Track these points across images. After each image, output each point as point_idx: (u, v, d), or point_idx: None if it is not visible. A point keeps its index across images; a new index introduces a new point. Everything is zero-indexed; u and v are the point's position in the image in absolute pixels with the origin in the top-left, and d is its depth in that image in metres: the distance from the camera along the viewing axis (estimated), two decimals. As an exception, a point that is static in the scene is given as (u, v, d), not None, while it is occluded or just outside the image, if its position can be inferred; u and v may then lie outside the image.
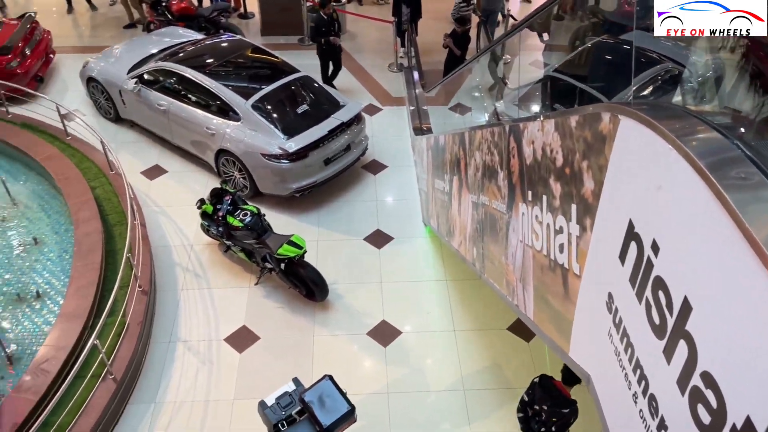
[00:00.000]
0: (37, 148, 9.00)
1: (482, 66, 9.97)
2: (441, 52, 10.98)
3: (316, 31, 10.53)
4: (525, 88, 7.43)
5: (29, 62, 10.83)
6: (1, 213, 8.39)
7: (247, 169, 8.62)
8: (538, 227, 3.58)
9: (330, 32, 10.48)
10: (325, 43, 10.52)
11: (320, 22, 10.49)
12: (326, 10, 10.40)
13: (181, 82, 9.23)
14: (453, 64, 10.62)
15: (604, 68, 6.13)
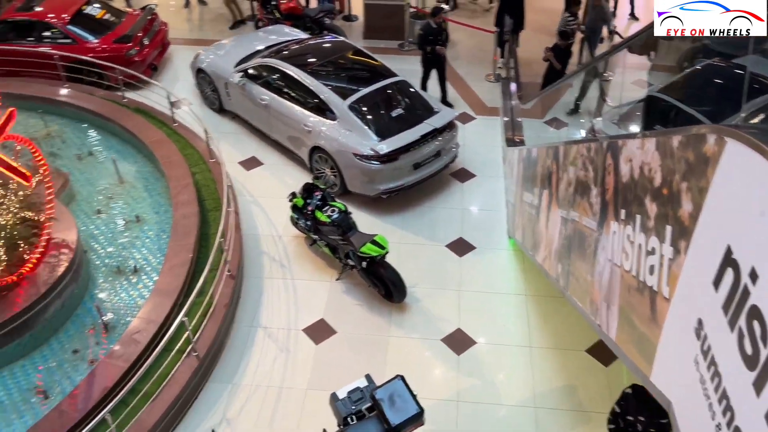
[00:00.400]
0: (146, 132, 9.55)
1: (582, 81, 9.79)
2: (540, 64, 10.85)
3: (423, 39, 10.54)
4: (626, 107, 7.25)
5: (146, 51, 11.52)
6: (110, 191, 8.96)
7: (338, 167, 8.83)
8: (628, 247, 3.50)
9: (437, 41, 10.46)
10: (430, 51, 10.51)
11: (428, 30, 10.53)
12: (436, 19, 10.44)
13: (283, 79, 9.56)
14: (552, 78, 10.47)
15: (712, 92, 5.90)
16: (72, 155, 9.53)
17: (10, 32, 11.19)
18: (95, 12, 11.65)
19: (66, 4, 11.60)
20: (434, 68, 10.78)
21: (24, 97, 10.02)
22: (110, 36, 11.29)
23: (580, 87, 9.90)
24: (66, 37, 11.07)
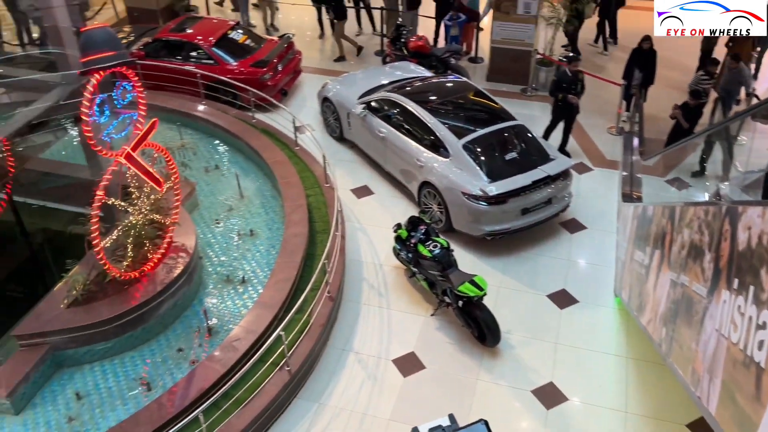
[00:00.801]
0: (269, 152, 10.09)
1: (712, 143, 9.35)
2: (667, 121, 10.47)
3: (557, 86, 10.43)
4: (756, 174, 6.85)
5: (279, 77, 12.23)
6: (231, 203, 9.53)
7: (445, 204, 8.91)
8: (738, 318, 3.32)
9: (570, 90, 10.36)
10: (562, 99, 10.38)
11: (563, 77, 10.42)
12: (572, 67, 10.36)
13: (402, 114, 9.83)
14: (678, 136, 10.07)
15: None
16: (201, 167, 10.23)
17: (162, 50, 12.25)
18: (238, 37, 12.53)
19: (213, 28, 12.57)
20: (563, 118, 10.60)
21: (166, 110, 10.89)
22: (248, 60, 12.08)
23: (708, 148, 9.46)
24: (209, 58, 11.97)
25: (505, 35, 12.70)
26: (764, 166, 6.78)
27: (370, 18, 15.24)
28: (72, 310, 7.08)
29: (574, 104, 10.35)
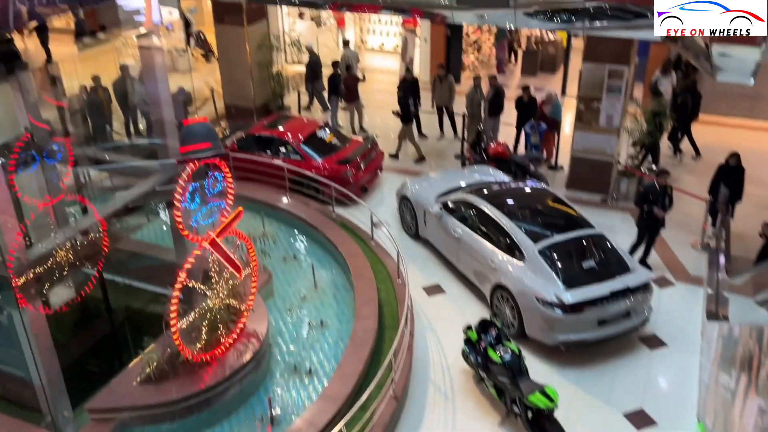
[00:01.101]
0: (345, 245, 10.32)
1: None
2: (755, 240, 10.05)
3: (643, 198, 10.21)
4: None
5: (361, 174, 12.67)
6: (305, 293, 9.71)
7: (518, 309, 8.74)
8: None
9: (657, 203, 10.10)
10: (647, 212, 10.16)
11: (651, 189, 10.19)
12: (660, 180, 10.15)
13: (478, 215, 9.90)
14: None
15: None
16: (279, 256, 10.55)
17: (254, 144, 13.00)
18: (325, 136, 13.18)
19: (303, 126, 13.30)
20: (648, 232, 10.31)
21: (252, 200, 11.43)
22: (333, 157, 12.62)
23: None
24: (297, 154, 12.59)
25: (586, 145, 12.76)
26: None
27: (452, 123, 15.70)
28: (143, 388, 7.25)
29: (660, 218, 10.11)
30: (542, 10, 10.53)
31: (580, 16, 10.22)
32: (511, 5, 10.53)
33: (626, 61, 11.96)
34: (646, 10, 9.58)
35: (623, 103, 12.27)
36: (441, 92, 15.32)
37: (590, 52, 12.23)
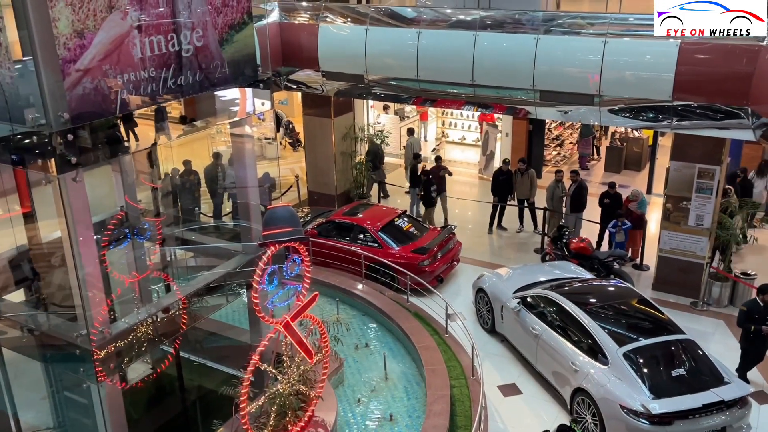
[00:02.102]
0: (419, 336, 10.11)
1: None
2: None
3: (746, 317, 9.48)
4: None
5: (437, 264, 12.57)
6: (375, 384, 9.49)
7: (600, 416, 8.20)
8: None
9: (763, 321, 9.36)
10: (753, 332, 9.43)
11: (754, 307, 9.50)
12: (765, 297, 9.42)
13: (559, 313, 9.53)
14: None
15: None
16: (352, 343, 10.43)
17: (333, 230, 13.23)
18: (403, 224, 13.26)
19: (382, 214, 13.47)
20: (755, 349, 9.54)
21: (328, 285, 11.49)
22: (410, 246, 12.63)
23: None
24: (374, 241, 12.68)
25: (675, 245, 12.25)
26: None
27: (533, 216, 15.52)
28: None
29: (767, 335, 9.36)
30: (627, 107, 10.47)
31: (667, 114, 10.07)
32: (596, 102, 10.53)
33: (717, 162, 11.59)
34: (738, 109, 9.37)
35: (714, 204, 11.80)
36: (522, 185, 15.28)
37: (678, 150, 11.95)
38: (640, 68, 10.10)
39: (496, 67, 11.26)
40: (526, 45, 10.78)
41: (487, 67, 11.30)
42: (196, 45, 6.89)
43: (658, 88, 9.88)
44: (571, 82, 10.64)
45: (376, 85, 12.85)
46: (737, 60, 9.17)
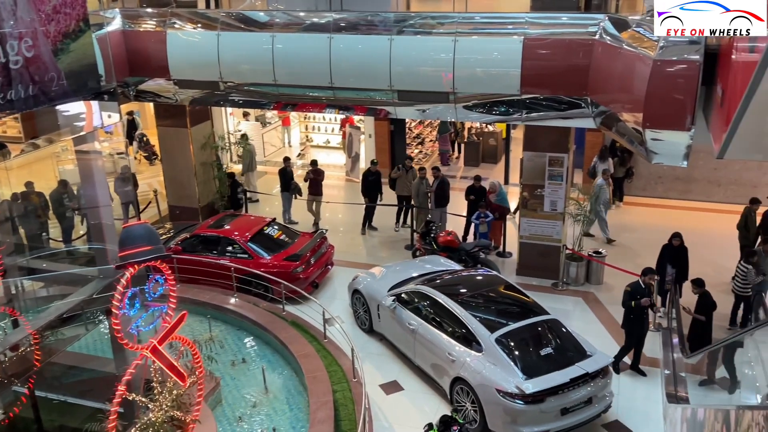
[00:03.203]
0: (297, 345, 9.92)
1: (755, 340, 8.95)
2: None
3: (630, 297, 9.85)
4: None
5: (311, 270, 12.43)
6: (255, 399, 9.19)
7: (479, 402, 8.45)
8: None
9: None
10: (635, 308, 9.79)
11: (637, 288, 9.89)
12: (645, 279, 9.92)
13: (432, 306, 9.74)
14: (697, 330, 9.87)
15: None
16: (227, 360, 10.04)
17: (200, 245, 12.68)
18: (273, 232, 12.99)
19: (250, 224, 13.10)
20: (636, 330, 9.93)
21: (197, 303, 11.00)
22: (282, 254, 12.38)
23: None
24: (244, 253, 12.31)
25: (533, 231, 12.94)
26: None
27: (405, 213, 15.77)
28: None
29: (645, 306, 9.78)
30: (481, 103, 10.89)
31: (517, 107, 10.59)
32: (451, 100, 10.86)
33: (564, 149, 12.38)
34: (579, 100, 10.04)
35: (565, 189, 12.59)
36: (404, 183, 15.40)
37: (529, 141, 12.64)
38: (490, 65, 10.54)
39: (354, 68, 11.31)
40: (381, 46, 10.91)
41: (344, 69, 11.31)
42: (26, 56, 6.29)
43: (507, 83, 10.36)
44: (427, 81, 10.90)
45: (233, 92, 12.47)
46: (575, 54, 9.85)
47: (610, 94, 9.53)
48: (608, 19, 9.62)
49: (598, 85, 9.64)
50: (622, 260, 12.93)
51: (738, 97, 6.37)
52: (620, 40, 9.15)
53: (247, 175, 17.61)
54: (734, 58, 6.98)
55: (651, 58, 8.21)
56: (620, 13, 10.93)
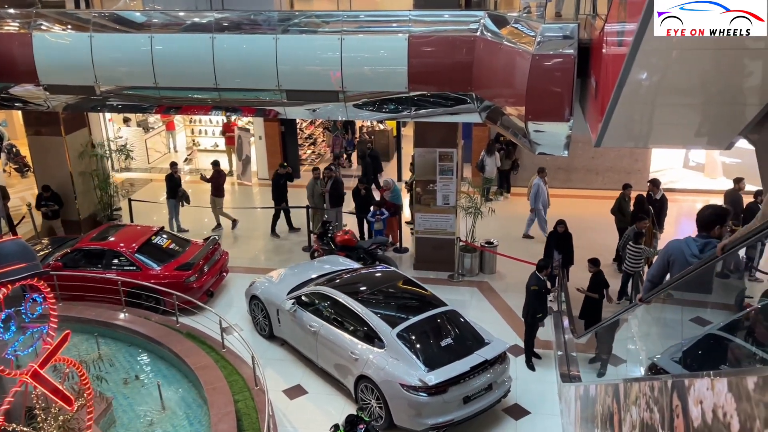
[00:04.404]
0: (194, 357, 9.54)
1: (638, 316, 9.54)
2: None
3: (536, 296, 10.04)
4: (686, 345, 6.91)
5: (205, 278, 12.00)
6: (151, 417, 8.74)
7: (384, 398, 8.48)
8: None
9: (540, 293, 10.07)
10: (539, 308, 10.01)
11: (539, 283, 10.10)
12: (543, 273, 10.14)
13: (333, 306, 9.67)
14: (590, 308, 10.40)
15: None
16: (119, 379, 9.50)
17: (82, 259, 11.92)
18: (162, 242, 12.44)
19: (137, 234, 12.46)
20: (533, 322, 10.16)
21: (82, 321, 10.35)
22: (173, 264, 11.88)
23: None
24: (132, 265, 11.70)
25: (427, 225, 13.17)
26: (692, 337, 6.86)
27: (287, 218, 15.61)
28: None
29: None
30: (370, 101, 10.93)
31: (406, 104, 10.72)
32: (341, 98, 10.83)
33: (453, 144, 12.68)
34: (465, 95, 10.30)
35: (456, 183, 12.90)
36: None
37: (419, 138, 12.85)
38: (377, 63, 10.60)
39: (239, 69, 11.01)
40: (266, 45, 10.69)
41: (229, 70, 11.00)
42: None
43: (395, 80, 10.46)
44: (315, 80, 10.80)
45: (111, 96, 11.81)
46: (458, 50, 10.10)
47: (493, 88, 9.84)
48: (488, 16, 9.93)
49: (482, 81, 9.93)
50: (513, 249, 13.41)
51: (610, 88, 6.75)
52: (500, 36, 9.47)
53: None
54: (605, 52, 7.39)
55: (530, 53, 8.55)
56: (499, 10, 11.32)
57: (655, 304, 6.47)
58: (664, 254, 6.39)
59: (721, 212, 6.06)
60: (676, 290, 5.87)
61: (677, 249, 6.07)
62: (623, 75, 6.28)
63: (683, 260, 5.88)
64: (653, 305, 6.49)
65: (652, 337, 8.68)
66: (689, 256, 5.85)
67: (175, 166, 15.39)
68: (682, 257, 5.94)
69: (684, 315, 6.90)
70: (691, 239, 6.04)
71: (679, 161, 18.79)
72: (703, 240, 5.84)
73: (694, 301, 6.10)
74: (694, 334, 6.44)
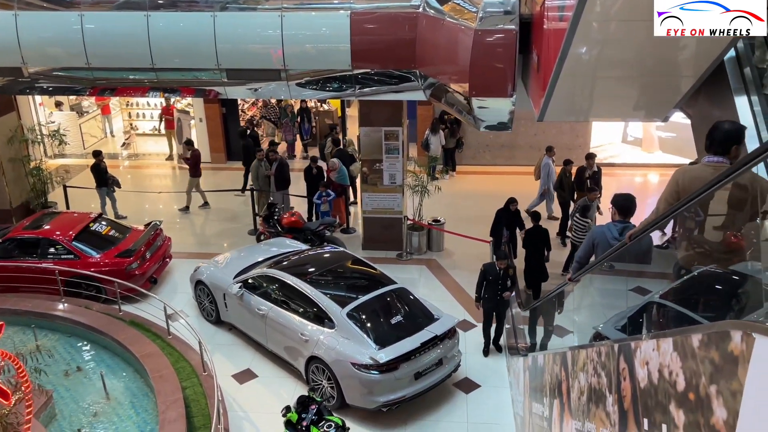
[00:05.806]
0: (138, 345, 9.27)
1: (580, 288, 9.76)
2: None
3: (483, 276, 9.77)
4: (628, 313, 7.11)
5: (147, 265, 11.67)
6: (95, 408, 8.47)
7: (335, 378, 8.45)
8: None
9: (497, 285, 9.69)
10: (491, 296, 9.73)
11: (491, 268, 9.75)
12: (500, 264, 9.74)
13: (282, 289, 9.55)
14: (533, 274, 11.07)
15: (714, 298, 5.81)
16: (59, 371, 9.17)
17: (16, 249, 11.42)
18: (101, 228, 12.01)
19: (74, 221, 11.98)
20: (494, 311, 9.93)
21: (18, 312, 9.94)
22: (113, 251, 11.49)
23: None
24: (69, 253, 11.26)
25: (375, 205, 13.14)
26: (633, 306, 7.07)
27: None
28: None
29: (507, 299, 9.86)
30: (313, 79, 10.76)
31: (349, 82, 10.60)
32: (283, 77, 10.62)
33: (399, 123, 12.63)
34: (409, 73, 10.24)
35: (402, 163, 12.88)
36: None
37: (364, 117, 12.74)
38: (319, 40, 10.41)
39: (176, 48, 10.64)
40: (204, 23, 10.34)
41: (166, 49, 10.61)
42: None
43: (338, 58, 10.30)
44: (256, 58, 10.53)
45: (41, 78, 11.27)
46: (401, 27, 10.00)
47: (437, 65, 9.81)
48: (430, -8, 9.86)
49: (426, 58, 9.88)
50: (459, 227, 13.51)
51: (552, 63, 6.81)
52: (442, 12, 9.43)
53: None
54: (546, 27, 7.44)
55: (472, 29, 8.55)
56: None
57: (599, 275, 6.66)
58: (589, 238, 6.90)
59: (632, 198, 6.53)
60: (617, 261, 6.06)
61: (600, 233, 6.58)
62: (564, 49, 6.34)
63: (606, 243, 6.34)
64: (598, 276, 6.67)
65: (596, 308, 8.91)
66: (611, 239, 6.33)
67: (99, 155, 14.74)
68: (604, 240, 6.41)
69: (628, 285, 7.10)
70: (612, 224, 6.47)
71: (618, 136, 19.27)
72: (621, 224, 6.34)
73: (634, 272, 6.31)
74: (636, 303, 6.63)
